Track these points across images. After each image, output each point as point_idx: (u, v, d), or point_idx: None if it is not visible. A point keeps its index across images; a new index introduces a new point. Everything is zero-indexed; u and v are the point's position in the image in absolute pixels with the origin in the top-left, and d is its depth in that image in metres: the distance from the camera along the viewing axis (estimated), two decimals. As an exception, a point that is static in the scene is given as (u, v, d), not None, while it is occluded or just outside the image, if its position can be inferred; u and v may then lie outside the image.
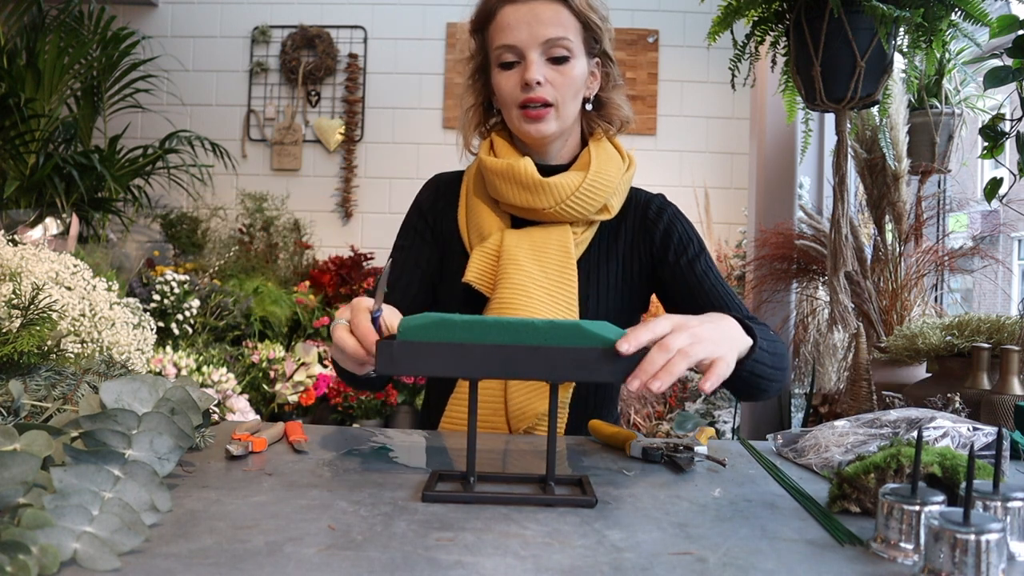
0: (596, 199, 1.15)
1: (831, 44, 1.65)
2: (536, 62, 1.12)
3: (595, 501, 0.73)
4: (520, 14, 1.12)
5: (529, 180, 1.13)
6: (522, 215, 1.18)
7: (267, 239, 3.81)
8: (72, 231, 2.01)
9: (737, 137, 3.89)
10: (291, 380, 2.98)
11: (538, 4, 1.12)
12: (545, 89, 1.12)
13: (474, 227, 1.19)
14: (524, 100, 1.12)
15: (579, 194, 1.14)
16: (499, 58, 1.14)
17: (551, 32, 1.12)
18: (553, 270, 1.13)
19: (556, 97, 1.13)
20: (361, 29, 4.03)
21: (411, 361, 0.74)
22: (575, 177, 1.14)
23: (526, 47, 1.12)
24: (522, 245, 1.14)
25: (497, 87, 1.16)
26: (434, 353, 0.74)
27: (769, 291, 2.54)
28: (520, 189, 1.13)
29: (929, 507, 0.60)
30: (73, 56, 3.27)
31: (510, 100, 1.14)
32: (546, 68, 1.12)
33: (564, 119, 1.16)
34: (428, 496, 0.72)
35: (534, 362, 0.74)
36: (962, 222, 2.69)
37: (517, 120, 1.15)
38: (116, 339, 0.95)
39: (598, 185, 1.15)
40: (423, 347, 0.74)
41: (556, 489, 0.75)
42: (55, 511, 0.55)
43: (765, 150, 2.71)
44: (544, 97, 1.12)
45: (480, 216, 1.19)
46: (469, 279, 1.13)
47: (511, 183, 1.14)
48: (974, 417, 1.13)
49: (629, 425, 3.04)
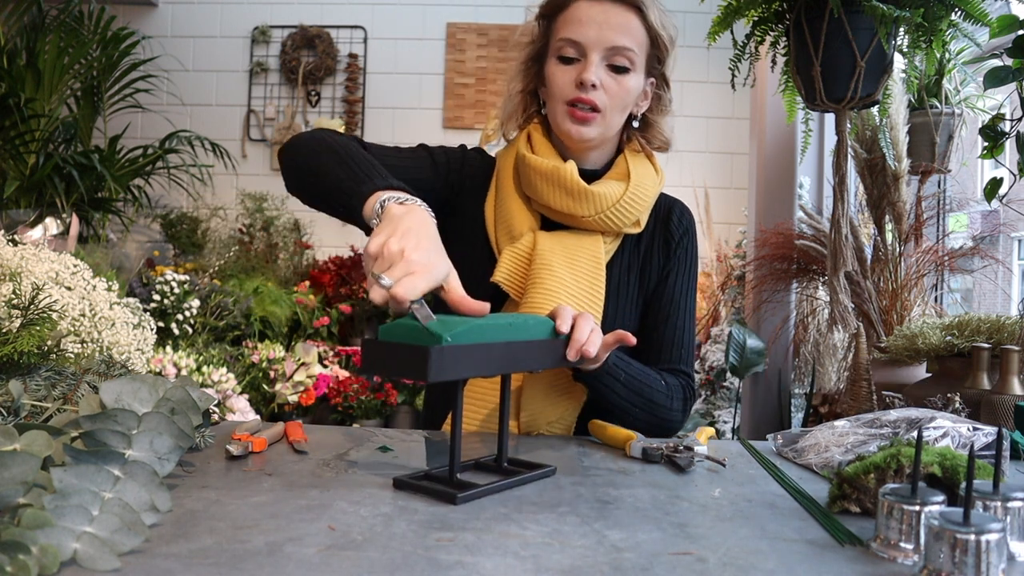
0: (633, 212, 1.14)
1: (831, 44, 1.65)
2: (596, 64, 1.10)
3: (554, 469, 0.83)
4: (593, 12, 1.10)
5: (574, 186, 1.10)
6: (557, 219, 1.15)
7: (267, 239, 3.81)
8: (72, 231, 2.02)
9: (737, 137, 3.89)
10: (291, 380, 2.98)
11: (613, 7, 1.10)
12: (598, 93, 1.10)
13: (503, 223, 1.16)
14: (575, 99, 1.10)
15: (620, 205, 1.12)
16: (559, 50, 1.12)
17: (619, 39, 1.10)
18: (584, 278, 1.12)
19: (606, 104, 1.11)
20: (361, 29, 4.03)
21: (455, 365, 0.73)
22: (617, 188, 1.13)
23: (590, 47, 1.10)
24: (556, 250, 1.12)
25: (551, 78, 1.13)
26: (473, 355, 0.75)
27: (769, 291, 2.54)
28: (563, 194, 1.11)
29: (929, 507, 0.60)
30: (73, 56, 3.27)
31: (560, 94, 1.12)
32: (604, 73, 1.10)
33: (608, 128, 1.14)
34: (398, 482, 0.76)
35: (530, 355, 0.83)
36: (962, 222, 2.69)
37: (561, 117, 1.12)
38: (116, 339, 0.95)
39: (637, 198, 1.14)
40: (467, 350, 0.74)
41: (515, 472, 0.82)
42: (55, 511, 0.55)
43: (765, 150, 2.71)
44: (595, 101, 1.10)
45: (511, 213, 1.15)
46: (498, 279, 1.10)
47: (554, 186, 1.11)
48: (974, 417, 1.13)
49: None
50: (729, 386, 3.11)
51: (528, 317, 0.87)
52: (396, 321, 0.76)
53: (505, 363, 0.79)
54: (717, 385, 3.13)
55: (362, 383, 3.15)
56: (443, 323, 0.74)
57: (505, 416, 0.85)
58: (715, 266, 3.64)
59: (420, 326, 0.73)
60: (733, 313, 3.33)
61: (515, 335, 0.81)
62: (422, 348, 0.70)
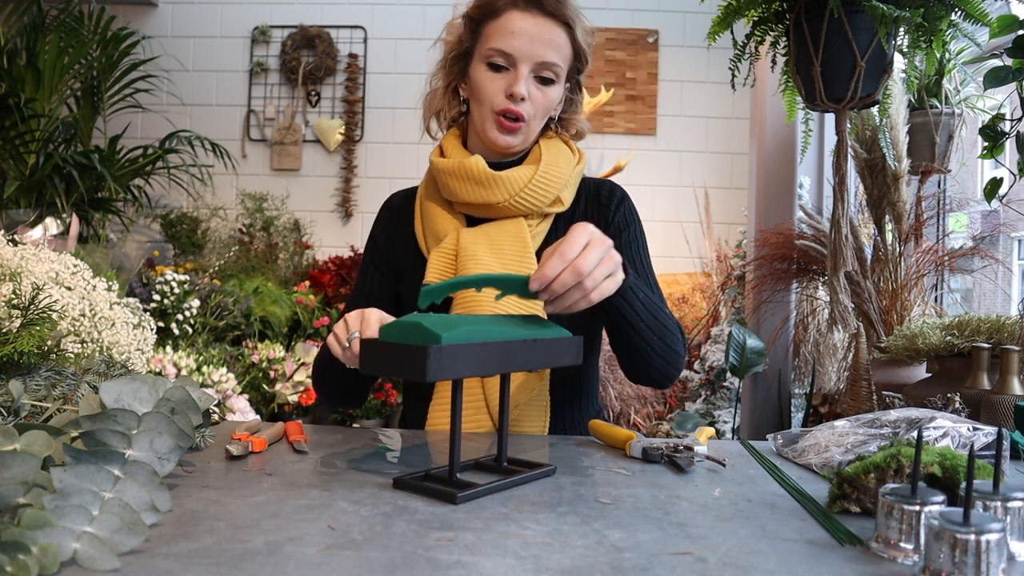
0: (548, 191, 1.17)
1: (831, 44, 1.65)
2: (525, 76, 1.13)
3: (554, 468, 0.83)
4: (526, 25, 1.12)
5: (481, 175, 1.13)
6: (476, 212, 1.18)
7: (267, 239, 3.81)
8: (72, 231, 2.01)
9: (737, 137, 3.89)
10: (291, 380, 2.98)
11: (546, 22, 1.13)
12: (525, 105, 1.14)
13: (430, 231, 1.20)
14: (504, 109, 1.13)
15: (531, 186, 1.15)
16: (489, 57, 1.14)
17: (549, 55, 1.13)
18: (512, 262, 1.14)
19: (531, 114, 1.15)
20: (361, 29, 4.03)
21: (453, 364, 0.73)
22: (526, 170, 1.16)
23: (520, 60, 1.12)
24: (479, 241, 1.15)
25: (479, 83, 1.15)
26: (471, 354, 0.74)
27: (769, 291, 2.54)
28: (473, 185, 1.14)
29: (929, 507, 0.60)
30: (73, 56, 3.27)
31: (489, 103, 1.14)
32: (532, 85, 1.14)
33: (530, 135, 1.18)
34: (399, 481, 0.77)
35: (525, 354, 0.82)
36: (962, 222, 2.69)
37: (489, 125, 1.15)
38: (116, 339, 0.95)
39: (550, 177, 1.16)
40: (464, 349, 0.74)
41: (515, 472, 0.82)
42: (55, 511, 0.55)
43: (765, 150, 2.71)
44: (521, 112, 1.13)
45: (435, 219, 1.20)
46: (429, 281, 1.13)
47: (463, 180, 1.14)
48: (974, 417, 1.13)
49: (629, 425, 3.04)
50: (729, 386, 3.11)
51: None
52: (396, 320, 0.76)
53: (504, 362, 0.79)
54: (717, 385, 3.13)
55: (362, 383, 3.14)
56: (442, 322, 0.74)
57: (505, 415, 0.84)
58: (715, 266, 3.64)
59: (419, 325, 0.73)
60: (733, 313, 3.33)
61: (514, 334, 0.81)
62: (420, 348, 0.70)
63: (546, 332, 0.86)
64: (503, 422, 0.85)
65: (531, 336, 0.83)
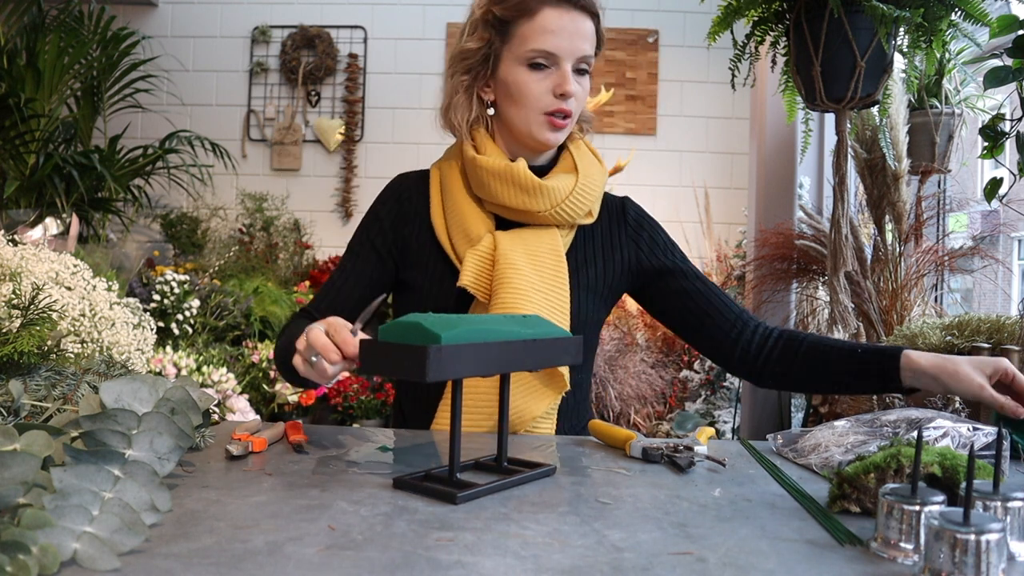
0: (586, 203, 1.17)
1: (831, 44, 1.65)
2: (570, 73, 1.12)
3: (554, 468, 0.83)
4: (564, 22, 1.11)
5: (529, 183, 1.12)
6: (511, 216, 1.17)
7: (267, 239, 3.81)
8: (72, 231, 2.01)
9: (737, 137, 3.89)
10: (291, 380, 2.98)
11: (579, 16, 1.12)
12: (571, 101, 1.13)
13: (458, 228, 1.16)
14: (557, 109, 1.13)
15: (573, 197, 1.15)
16: (531, 59, 1.11)
17: (586, 48, 1.13)
18: (548, 273, 1.14)
19: (575, 109, 1.15)
20: (361, 29, 4.03)
21: (453, 364, 0.72)
22: (568, 181, 1.16)
23: (564, 57, 1.11)
24: (517, 248, 1.13)
25: (521, 87, 1.12)
26: (471, 354, 0.74)
27: (769, 291, 2.54)
28: (518, 191, 1.13)
29: (929, 507, 0.60)
30: (73, 56, 3.26)
31: (536, 104, 1.13)
32: (574, 80, 1.13)
33: (570, 129, 1.18)
34: (398, 482, 0.76)
35: (525, 354, 0.82)
36: (962, 222, 2.69)
37: (538, 126, 1.14)
38: (116, 339, 0.95)
39: (587, 190, 1.17)
40: (464, 349, 0.73)
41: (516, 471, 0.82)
42: (55, 511, 0.55)
43: (765, 150, 2.71)
44: (571, 109, 1.13)
45: (465, 216, 1.16)
46: (465, 283, 1.11)
47: (509, 184, 1.13)
48: (974, 417, 1.13)
49: (629, 425, 3.04)
50: (729, 386, 3.11)
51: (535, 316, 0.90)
52: (396, 320, 0.76)
53: (503, 362, 0.79)
54: (717, 385, 3.13)
55: (362, 383, 3.15)
56: (441, 322, 0.74)
57: (505, 416, 0.84)
58: (715, 266, 3.64)
59: (419, 325, 0.73)
60: (733, 313, 3.32)
61: (513, 334, 0.81)
62: (420, 348, 0.70)
63: (546, 332, 0.86)
64: (503, 422, 0.85)
65: (531, 336, 0.83)
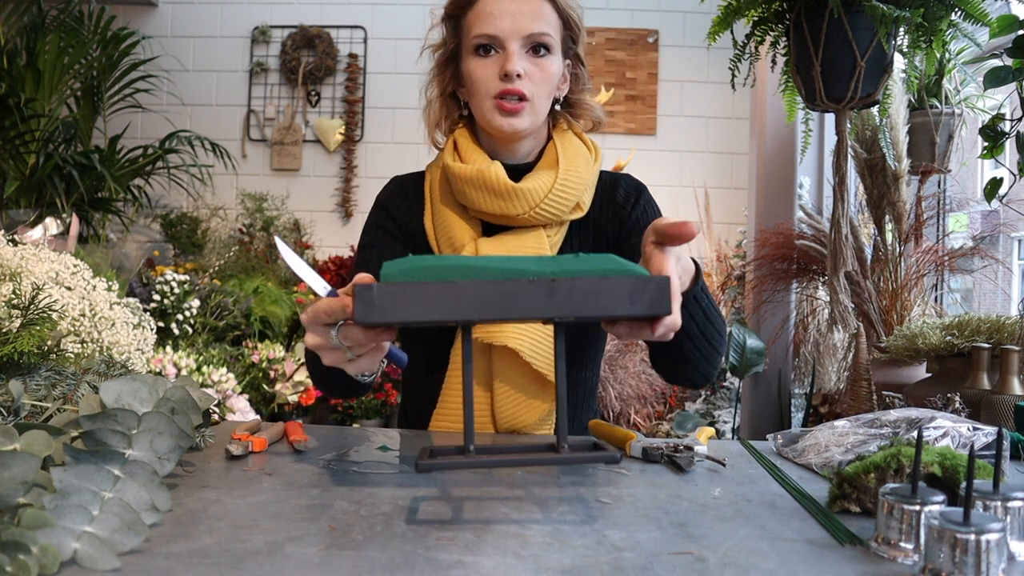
0: (569, 199, 1.12)
1: (831, 44, 1.65)
2: (516, 53, 1.08)
3: (619, 456, 0.66)
4: (503, 4, 1.08)
5: (501, 187, 1.08)
6: (496, 221, 1.13)
7: (267, 239, 3.81)
8: (72, 231, 2.01)
9: (737, 137, 3.89)
10: (291, 380, 2.98)
11: None
12: (523, 82, 1.08)
13: (444, 237, 1.14)
14: (502, 91, 1.08)
15: (552, 197, 1.10)
16: (476, 45, 1.09)
17: (534, 26, 1.09)
18: None
19: (533, 91, 1.09)
20: (361, 29, 4.03)
21: (394, 306, 0.63)
22: (546, 179, 1.10)
23: (507, 38, 1.08)
24: (498, 253, 1.10)
25: (470, 75, 1.11)
26: (422, 296, 0.63)
27: (769, 291, 2.54)
28: (492, 196, 1.09)
29: (929, 507, 0.60)
30: (73, 56, 3.27)
31: (484, 90, 1.09)
32: (526, 61, 1.09)
33: (537, 115, 1.11)
34: (422, 466, 0.64)
35: (539, 299, 0.64)
36: (962, 222, 2.69)
37: (490, 112, 1.10)
38: (116, 339, 0.95)
39: (570, 184, 1.11)
40: (409, 288, 0.63)
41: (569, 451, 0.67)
42: (55, 511, 0.55)
43: (765, 150, 2.71)
44: (521, 90, 1.08)
45: (450, 225, 1.14)
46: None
47: (482, 190, 1.09)
48: (974, 417, 1.13)
49: (629, 425, 3.03)
50: (729, 386, 3.11)
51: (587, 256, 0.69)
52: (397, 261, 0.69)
53: (503, 307, 0.64)
54: (717, 385, 3.13)
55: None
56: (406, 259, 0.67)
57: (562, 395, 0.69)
58: (715, 266, 3.64)
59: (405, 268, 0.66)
60: (733, 313, 3.33)
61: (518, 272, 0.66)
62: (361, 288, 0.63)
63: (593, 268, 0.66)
64: (560, 404, 0.69)
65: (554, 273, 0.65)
